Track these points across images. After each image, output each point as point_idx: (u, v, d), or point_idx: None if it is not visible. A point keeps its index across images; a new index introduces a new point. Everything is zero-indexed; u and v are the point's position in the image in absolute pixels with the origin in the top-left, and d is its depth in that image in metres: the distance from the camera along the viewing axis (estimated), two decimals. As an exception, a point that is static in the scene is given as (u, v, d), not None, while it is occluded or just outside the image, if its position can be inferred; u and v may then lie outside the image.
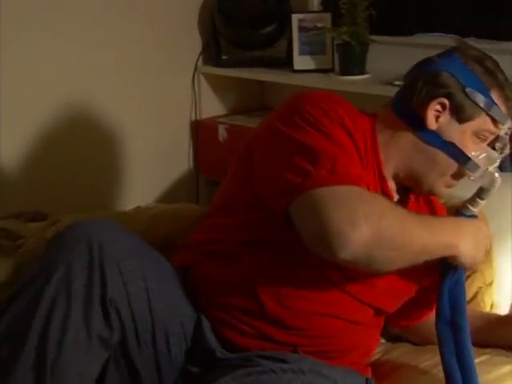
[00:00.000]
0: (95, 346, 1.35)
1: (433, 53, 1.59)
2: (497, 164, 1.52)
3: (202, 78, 2.99)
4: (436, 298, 1.51)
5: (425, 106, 1.49)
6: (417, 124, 1.51)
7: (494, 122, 1.51)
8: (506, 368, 1.60)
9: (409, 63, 1.62)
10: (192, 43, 2.94)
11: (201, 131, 2.99)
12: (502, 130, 1.52)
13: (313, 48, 2.75)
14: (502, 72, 1.53)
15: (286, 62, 2.81)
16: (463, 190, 1.56)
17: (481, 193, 1.51)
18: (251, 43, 2.91)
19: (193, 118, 3.00)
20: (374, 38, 2.57)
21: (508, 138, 1.54)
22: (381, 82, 2.45)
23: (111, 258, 1.37)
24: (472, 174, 1.49)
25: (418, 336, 1.75)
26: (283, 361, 1.37)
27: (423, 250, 1.37)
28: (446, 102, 1.49)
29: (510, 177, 1.91)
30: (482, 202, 1.51)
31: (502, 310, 1.86)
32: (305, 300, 1.47)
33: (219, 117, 3.03)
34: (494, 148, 1.54)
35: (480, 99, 1.49)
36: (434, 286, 1.53)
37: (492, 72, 1.52)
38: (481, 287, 1.83)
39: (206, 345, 1.46)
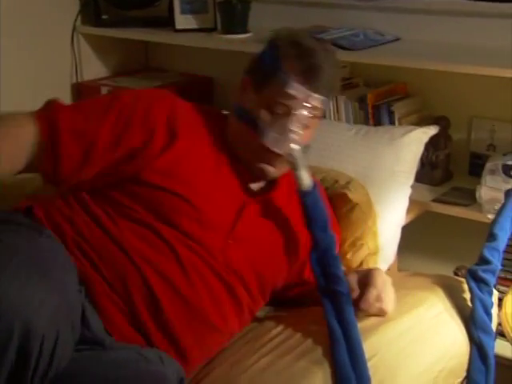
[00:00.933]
0: None
1: (314, 12, 1.63)
2: (297, 137, 1.57)
3: (82, 39, 2.91)
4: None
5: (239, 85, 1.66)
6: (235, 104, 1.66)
7: (287, 95, 1.57)
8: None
9: (290, 22, 1.64)
10: (69, 2, 2.84)
11: (83, 94, 2.90)
12: (298, 104, 1.57)
13: (194, 7, 2.72)
14: (305, 44, 1.60)
15: (168, 22, 2.77)
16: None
17: (292, 166, 1.59)
18: (130, 2, 2.85)
19: (74, 80, 2.91)
20: (256, -4, 2.58)
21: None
22: (263, 41, 2.45)
23: None
24: (267, 143, 1.57)
25: None
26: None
27: None
28: (249, 79, 1.65)
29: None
30: (300, 174, 1.59)
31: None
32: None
33: (102, 79, 2.96)
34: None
35: (274, 74, 1.59)
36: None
37: (294, 44, 1.61)
38: (366, 257, 1.91)
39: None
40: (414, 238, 2.39)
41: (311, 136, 1.65)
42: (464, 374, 1.74)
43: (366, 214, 1.90)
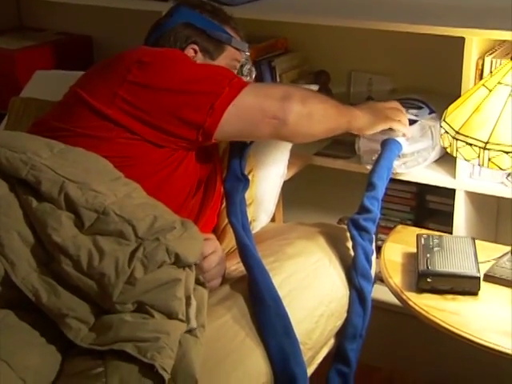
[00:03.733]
0: None
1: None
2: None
3: None
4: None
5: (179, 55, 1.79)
6: None
7: (238, 50, 1.90)
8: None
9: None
10: None
11: None
12: (244, 56, 1.91)
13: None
14: (222, 10, 1.93)
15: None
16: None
17: None
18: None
19: None
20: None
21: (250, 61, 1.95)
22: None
23: None
24: None
25: None
26: None
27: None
28: (196, 47, 1.84)
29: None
30: None
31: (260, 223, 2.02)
32: None
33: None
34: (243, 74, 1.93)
35: (221, 36, 1.87)
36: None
37: (217, 11, 1.91)
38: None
39: None
40: (298, 192, 2.43)
41: None
42: (345, 315, 1.79)
43: None
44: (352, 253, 1.83)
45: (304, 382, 1.53)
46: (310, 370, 1.65)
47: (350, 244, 1.87)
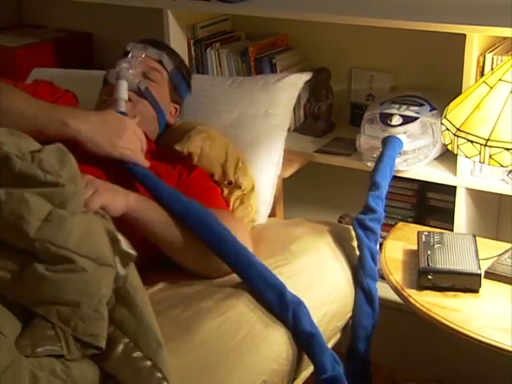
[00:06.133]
0: None
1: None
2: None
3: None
4: None
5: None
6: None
7: None
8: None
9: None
10: None
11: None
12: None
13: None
14: None
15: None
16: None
17: None
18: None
19: None
20: None
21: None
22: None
23: None
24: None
25: None
26: None
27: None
28: None
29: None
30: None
31: (260, 214, 1.99)
32: None
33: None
34: None
35: None
36: None
37: None
38: (244, 194, 1.92)
39: None
40: (299, 189, 2.43)
41: None
42: (346, 316, 1.79)
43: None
44: (357, 252, 1.84)
45: (303, 304, 1.57)
46: (309, 371, 1.65)
47: (355, 243, 1.87)
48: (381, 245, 1.95)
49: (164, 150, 1.89)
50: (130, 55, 1.92)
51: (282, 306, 1.55)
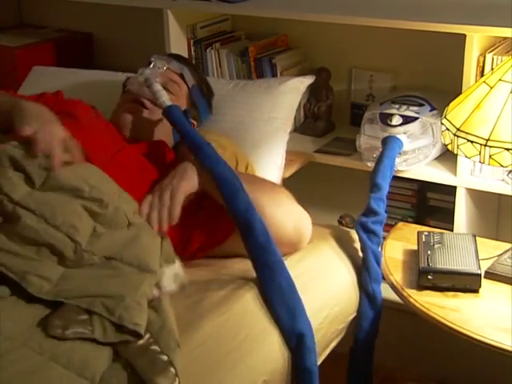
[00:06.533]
0: None
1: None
2: None
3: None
4: None
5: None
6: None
7: None
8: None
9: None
10: None
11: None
12: None
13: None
14: None
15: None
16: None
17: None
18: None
19: None
20: None
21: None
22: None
23: None
24: None
25: None
26: None
27: None
28: None
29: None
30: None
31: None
32: None
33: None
34: None
35: None
36: None
37: None
38: None
39: None
40: (299, 189, 2.41)
41: None
42: (348, 319, 1.79)
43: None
44: (360, 255, 1.84)
45: (311, 336, 1.56)
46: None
47: (357, 246, 1.87)
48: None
49: (180, 160, 1.87)
50: (151, 65, 1.95)
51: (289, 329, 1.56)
